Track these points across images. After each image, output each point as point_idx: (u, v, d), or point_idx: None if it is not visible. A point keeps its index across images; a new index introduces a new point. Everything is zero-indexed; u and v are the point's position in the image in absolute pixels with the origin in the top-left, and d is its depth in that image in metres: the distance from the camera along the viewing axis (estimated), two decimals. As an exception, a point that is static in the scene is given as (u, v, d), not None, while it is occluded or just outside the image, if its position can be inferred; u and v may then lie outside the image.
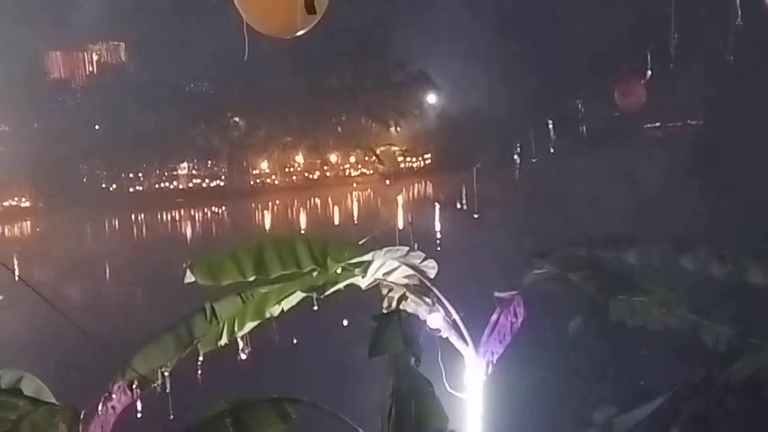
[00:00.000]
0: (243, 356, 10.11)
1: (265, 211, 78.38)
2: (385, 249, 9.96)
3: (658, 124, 64.53)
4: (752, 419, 14.75)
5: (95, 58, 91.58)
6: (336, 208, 78.31)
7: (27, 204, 73.08)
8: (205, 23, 68.60)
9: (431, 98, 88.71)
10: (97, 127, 78.79)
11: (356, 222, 68.29)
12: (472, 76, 73.60)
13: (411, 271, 10.18)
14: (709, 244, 12.46)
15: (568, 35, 62.91)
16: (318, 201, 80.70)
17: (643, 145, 55.77)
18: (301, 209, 78.12)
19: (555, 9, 65.21)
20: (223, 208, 79.09)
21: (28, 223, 69.89)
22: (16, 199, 72.59)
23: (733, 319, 13.78)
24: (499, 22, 68.98)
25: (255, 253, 9.49)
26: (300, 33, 5.00)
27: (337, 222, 71.04)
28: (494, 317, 10.82)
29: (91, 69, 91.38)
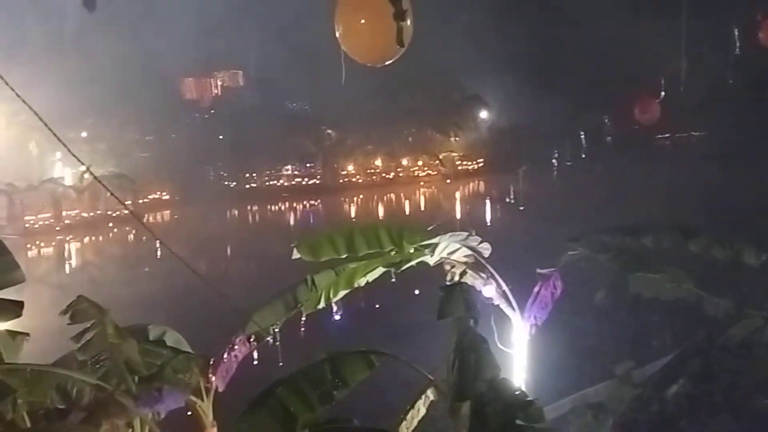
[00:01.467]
0: (337, 317, 10.17)
1: (351, 204, 78.58)
2: (449, 234, 9.93)
3: (668, 135, 63.23)
4: (744, 373, 14.51)
5: (219, 83, 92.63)
6: (407, 202, 78.15)
7: (167, 197, 74.18)
8: (303, 55, 69.05)
9: (484, 114, 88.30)
10: (221, 137, 79.73)
11: (423, 212, 68.17)
12: (516, 97, 72.96)
13: (469, 252, 10.13)
14: (712, 232, 12.19)
15: (597, 63, 61.95)
16: (393, 196, 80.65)
17: (655, 152, 54.79)
18: (379, 202, 78.14)
19: (588, 40, 64.14)
20: (318, 201, 79.43)
21: (168, 212, 70.98)
22: (158, 193, 73.69)
23: (730, 292, 13.54)
24: (539, 52, 68.18)
25: (347, 236, 9.53)
26: (389, 62, 5.03)
27: (407, 212, 70.95)
28: (536, 289, 10.72)
29: (216, 92, 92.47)
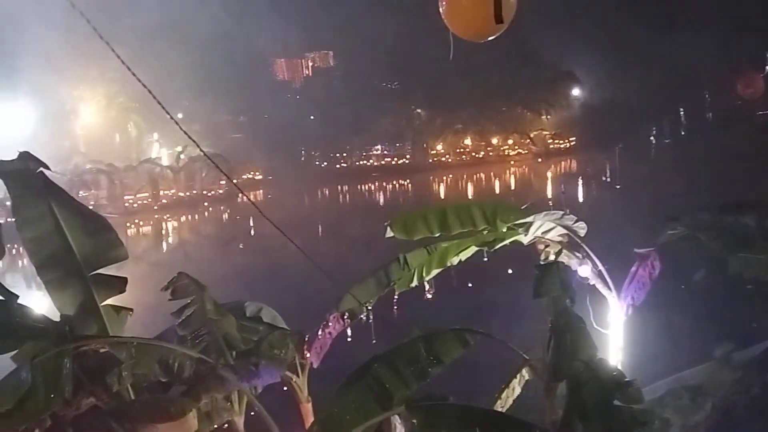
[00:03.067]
0: (429, 296, 10.18)
1: (441, 183, 78.48)
2: (544, 213, 9.78)
3: (768, 111, 60.83)
4: None
5: (310, 63, 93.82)
6: (497, 181, 77.57)
7: (259, 177, 75.64)
8: (394, 36, 69.06)
9: (576, 92, 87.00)
10: (312, 117, 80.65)
11: (514, 191, 67.56)
12: (611, 73, 71.39)
13: (564, 231, 9.96)
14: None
15: (697, 36, 59.98)
16: (482, 175, 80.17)
17: (757, 128, 52.87)
18: (469, 182, 77.78)
19: (688, 12, 62.11)
20: (408, 180, 79.62)
21: (261, 191, 72.26)
22: (251, 173, 75.16)
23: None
24: (635, 26, 66.43)
25: (440, 215, 9.49)
26: (490, 38, 5.02)
27: (497, 192, 70.42)
28: (634, 269, 10.47)
29: (307, 72, 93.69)
